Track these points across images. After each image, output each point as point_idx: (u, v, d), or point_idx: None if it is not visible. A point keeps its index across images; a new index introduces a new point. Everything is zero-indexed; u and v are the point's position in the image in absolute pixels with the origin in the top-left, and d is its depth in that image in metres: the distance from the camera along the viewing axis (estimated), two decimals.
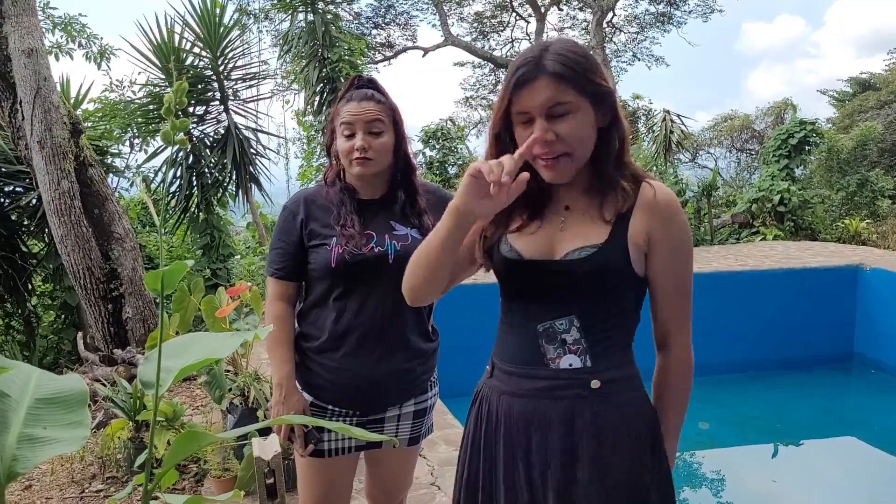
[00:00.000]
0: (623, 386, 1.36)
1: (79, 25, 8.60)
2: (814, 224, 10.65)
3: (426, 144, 10.06)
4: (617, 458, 1.32)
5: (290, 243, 1.88)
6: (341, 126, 1.83)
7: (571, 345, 1.34)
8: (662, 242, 1.31)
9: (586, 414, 1.32)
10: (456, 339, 4.08)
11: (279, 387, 1.87)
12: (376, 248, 1.82)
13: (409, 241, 1.85)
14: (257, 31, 14.88)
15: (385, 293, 1.83)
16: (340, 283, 1.83)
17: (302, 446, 1.88)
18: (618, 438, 1.32)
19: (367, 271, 1.81)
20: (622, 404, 1.34)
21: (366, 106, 1.82)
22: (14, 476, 1.20)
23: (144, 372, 1.36)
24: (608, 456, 1.31)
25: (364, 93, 1.85)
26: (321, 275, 1.85)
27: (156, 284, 1.35)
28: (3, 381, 1.32)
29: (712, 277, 6.97)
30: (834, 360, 6.91)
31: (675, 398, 1.35)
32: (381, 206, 1.91)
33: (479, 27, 20.87)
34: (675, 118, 11.14)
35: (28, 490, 3.58)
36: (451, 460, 3.38)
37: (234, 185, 7.30)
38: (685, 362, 1.31)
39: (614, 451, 1.32)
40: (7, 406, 1.29)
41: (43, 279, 6.85)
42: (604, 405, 1.33)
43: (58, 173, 5.06)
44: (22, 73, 5.03)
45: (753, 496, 4.51)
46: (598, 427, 1.32)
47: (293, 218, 1.89)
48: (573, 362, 1.34)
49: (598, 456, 1.31)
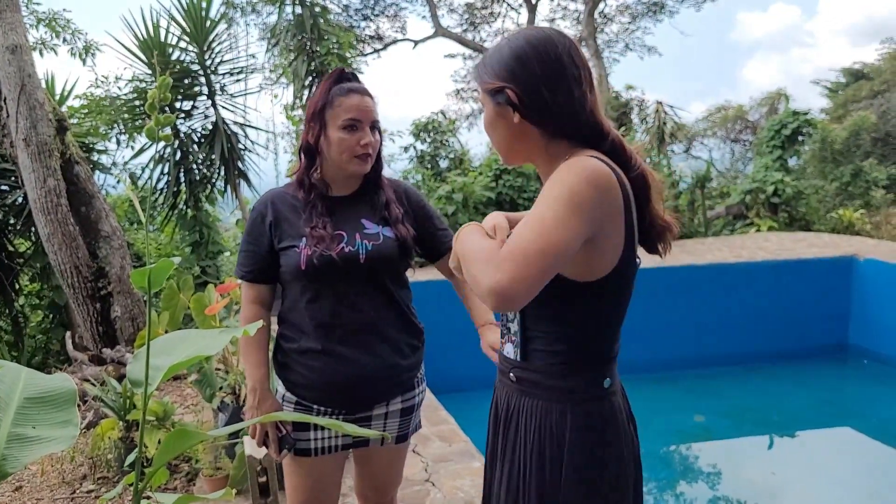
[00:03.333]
0: (541, 395, 1.37)
1: (63, 21, 8.47)
2: (808, 215, 10.65)
3: (417, 138, 9.98)
4: (516, 453, 1.40)
5: (259, 245, 1.85)
6: (343, 119, 1.78)
7: (512, 335, 1.42)
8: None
9: (508, 400, 1.44)
10: (449, 337, 4.07)
11: (253, 391, 1.85)
12: (346, 248, 1.78)
13: (381, 240, 1.83)
14: (245, 25, 14.77)
15: (361, 292, 1.81)
16: (312, 285, 1.80)
17: (276, 451, 1.86)
18: (518, 437, 1.40)
19: (338, 272, 1.77)
20: (529, 410, 1.38)
21: (368, 101, 1.81)
22: (4, 475, 1.18)
23: (133, 370, 1.34)
24: (511, 444, 1.41)
25: (363, 87, 1.83)
26: (292, 277, 1.81)
27: (143, 282, 1.32)
28: None
29: (706, 270, 6.96)
30: (829, 351, 6.92)
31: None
32: (352, 203, 1.88)
33: (470, 18, 20.77)
34: (667, 109, 11.12)
35: (18, 491, 3.52)
36: (446, 456, 3.34)
37: (223, 181, 7.22)
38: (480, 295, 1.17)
39: (514, 446, 1.40)
40: None
41: (30, 278, 6.77)
42: (519, 400, 1.41)
43: (43, 171, 4.99)
44: (6, 70, 4.95)
45: (750, 488, 4.50)
46: (509, 417, 1.43)
47: (262, 220, 1.85)
48: (509, 351, 1.44)
49: (506, 439, 1.43)
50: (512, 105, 1.32)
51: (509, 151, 1.41)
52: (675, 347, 6.64)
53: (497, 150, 1.43)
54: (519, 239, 1.16)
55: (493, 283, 1.13)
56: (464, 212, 8.44)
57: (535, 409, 1.37)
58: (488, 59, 1.37)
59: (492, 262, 1.16)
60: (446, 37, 20.39)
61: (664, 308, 6.43)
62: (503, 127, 1.36)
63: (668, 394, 6.14)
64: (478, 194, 8.64)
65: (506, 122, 1.35)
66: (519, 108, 1.31)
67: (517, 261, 1.13)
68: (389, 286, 1.86)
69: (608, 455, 1.35)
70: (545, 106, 1.31)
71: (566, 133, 1.33)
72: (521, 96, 1.31)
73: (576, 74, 1.31)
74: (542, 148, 1.36)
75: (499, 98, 1.33)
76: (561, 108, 1.30)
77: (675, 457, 5.07)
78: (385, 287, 1.85)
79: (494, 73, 1.34)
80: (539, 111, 1.31)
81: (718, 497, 4.45)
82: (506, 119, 1.34)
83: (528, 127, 1.33)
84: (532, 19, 19.75)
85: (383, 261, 1.82)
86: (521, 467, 1.38)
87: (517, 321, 1.39)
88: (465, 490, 2.99)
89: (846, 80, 19.68)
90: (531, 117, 1.32)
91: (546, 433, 1.35)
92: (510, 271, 1.13)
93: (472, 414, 2.89)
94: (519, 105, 1.31)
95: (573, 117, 1.31)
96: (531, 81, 1.30)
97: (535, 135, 1.34)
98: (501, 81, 1.32)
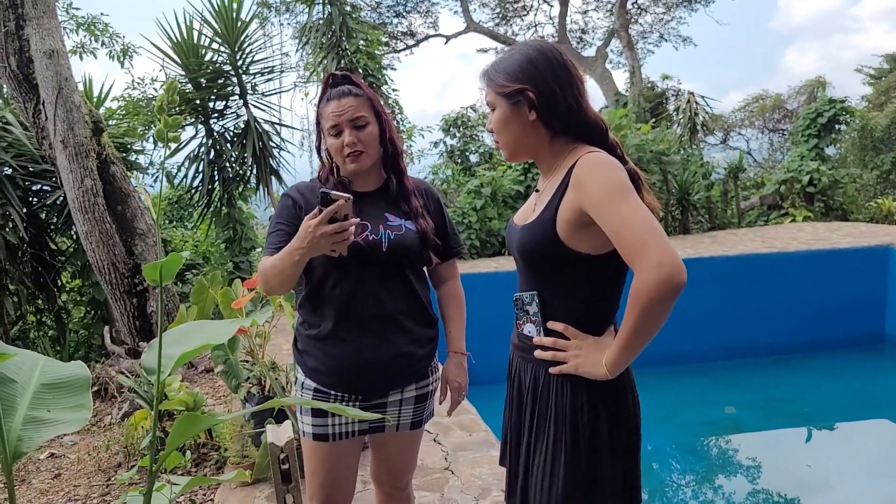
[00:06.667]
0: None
1: (101, 25, 8.72)
2: (845, 204, 10.42)
3: (447, 133, 10.03)
4: (539, 425, 1.53)
5: (290, 225, 1.88)
6: (327, 128, 1.88)
7: (532, 315, 1.54)
8: (586, 206, 1.38)
9: (529, 377, 1.56)
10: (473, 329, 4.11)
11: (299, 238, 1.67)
12: (370, 237, 1.85)
13: (403, 230, 1.89)
14: (278, 24, 14.97)
15: (381, 281, 1.87)
16: (336, 271, 1.86)
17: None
18: (542, 409, 1.52)
19: (361, 259, 1.84)
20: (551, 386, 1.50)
21: (346, 102, 1.87)
22: (20, 455, 1.27)
23: (147, 359, 1.42)
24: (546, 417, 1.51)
25: (341, 90, 1.89)
26: (317, 263, 1.87)
27: (155, 275, 1.40)
28: (10, 367, 1.39)
29: (737, 261, 6.89)
30: (864, 342, 6.79)
31: (630, 307, 1.34)
32: (375, 198, 1.94)
33: (502, 12, 20.72)
34: (699, 100, 10.97)
35: (57, 479, 3.69)
36: (465, 445, 3.40)
37: (255, 178, 7.37)
38: (647, 281, 1.28)
39: (550, 418, 1.50)
40: (14, 391, 1.37)
41: (71, 275, 7.00)
42: (542, 376, 1.52)
43: (81, 171, 5.16)
44: (44, 74, 5.14)
45: (784, 480, 4.45)
46: (539, 393, 1.53)
47: (293, 204, 1.93)
48: (531, 331, 1.55)
49: (533, 413, 1.54)
50: (531, 105, 1.47)
51: (518, 149, 1.56)
52: (705, 338, 6.59)
53: (504, 147, 1.56)
54: (634, 228, 1.31)
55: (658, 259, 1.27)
56: (492, 205, 8.47)
57: (568, 379, 1.48)
58: (500, 66, 1.52)
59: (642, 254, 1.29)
60: (478, 32, 20.39)
61: (694, 299, 6.37)
62: (517, 126, 1.51)
63: (699, 385, 6.10)
64: (506, 188, 8.66)
65: (520, 121, 1.50)
66: (536, 108, 1.47)
67: (654, 235, 1.29)
68: (409, 276, 1.93)
69: (631, 413, 1.51)
70: (557, 106, 1.47)
71: (570, 131, 1.50)
72: (539, 97, 1.46)
73: (578, 79, 1.50)
74: (548, 145, 1.53)
75: (517, 99, 1.48)
76: (569, 108, 1.47)
77: (706, 448, 5.04)
78: (405, 277, 1.92)
79: (511, 77, 1.48)
80: (553, 111, 1.47)
81: (751, 489, 4.41)
82: (520, 118, 1.49)
83: (538, 126, 1.49)
84: (564, 12, 19.62)
85: (405, 250, 1.89)
86: (560, 435, 1.48)
87: (535, 302, 1.52)
88: (483, 478, 3.05)
89: (889, 67, 19.12)
90: (545, 116, 1.48)
91: (579, 399, 1.47)
92: (657, 243, 1.28)
93: (492, 406, 2.93)
94: (536, 105, 1.47)
95: (579, 116, 1.49)
96: (546, 84, 1.46)
97: (542, 133, 1.51)
98: (520, 84, 1.47)
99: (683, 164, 9.89)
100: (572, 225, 1.41)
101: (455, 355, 2.06)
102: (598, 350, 1.45)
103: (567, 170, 1.45)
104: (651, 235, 1.29)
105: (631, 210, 1.32)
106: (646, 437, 1.59)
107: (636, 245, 1.30)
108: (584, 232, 1.41)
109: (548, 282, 1.50)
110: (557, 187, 1.46)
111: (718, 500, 4.30)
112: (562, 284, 1.48)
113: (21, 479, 3.69)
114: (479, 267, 7.59)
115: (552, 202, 1.45)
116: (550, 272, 1.49)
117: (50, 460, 3.97)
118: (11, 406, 1.33)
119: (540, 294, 1.52)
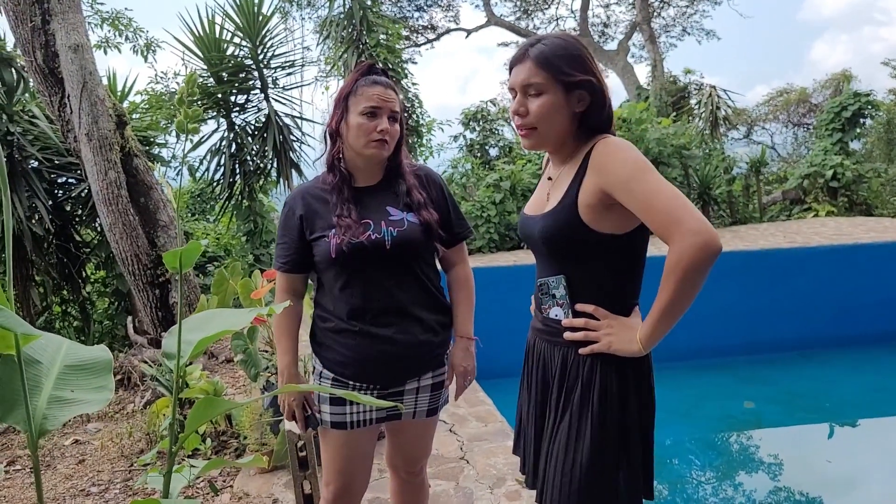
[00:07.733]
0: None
1: (125, 20, 8.83)
2: (869, 199, 10.28)
3: (466, 127, 10.04)
4: (566, 405, 1.55)
5: (291, 238, 1.97)
6: (363, 106, 1.88)
7: (559, 299, 1.57)
8: (610, 186, 1.42)
9: (557, 360, 1.58)
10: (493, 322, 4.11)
11: (281, 375, 2.01)
12: (373, 236, 1.88)
13: (406, 225, 1.91)
14: (300, 18, 15.03)
15: (390, 276, 1.90)
16: (344, 271, 1.90)
17: (303, 428, 2.03)
18: (569, 390, 1.55)
19: (366, 258, 1.87)
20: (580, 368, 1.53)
21: (391, 94, 1.91)
22: (44, 432, 1.32)
23: (167, 345, 1.46)
24: (562, 398, 1.56)
25: (387, 81, 1.94)
26: (325, 266, 1.92)
27: (174, 262, 1.44)
28: (35, 349, 1.44)
29: (758, 255, 6.83)
30: (887, 338, 6.70)
31: (667, 278, 1.37)
32: (376, 192, 1.97)
33: (523, 5, 20.64)
34: (720, 94, 10.87)
35: (82, 464, 3.76)
36: (481, 436, 3.42)
37: (276, 171, 7.43)
38: (685, 250, 1.31)
39: (564, 398, 1.55)
40: (39, 372, 1.41)
41: (96, 266, 7.11)
42: (571, 357, 1.55)
43: (105, 164, 5.24)
44: (69, 68, 5.22)
45: (805, 475, 4.41)
46: (566, 373, 1.56)
47: (293, 214, 1.97)
48: (558, 314, 1.58)
49: (559, 394, 1.57)
50: (589, 96, 1.51)
51: (553, 137, 1.56)
52: (726, 333, 6.54)
53: (538, 134, 1.56)
54: (664, 201, 1.35)
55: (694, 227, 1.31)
56: (511, 199, 8.46)
57: (597, 358, 1.52)
58: (558, 53, 1.51)
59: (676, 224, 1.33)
60: (499, 25, 20.33)
61: (715, 294, 6.33)
62: (564, 115, 1.53)
63: (720, 380, 6.07)
64: (525, 182, 8.65)
65: (568, 110, 1.52)
66: (590, 101, 1.52)
67: (685, 205, 1.34)
68: (417, 269, 1.95)
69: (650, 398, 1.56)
70: (605, 102, 1.54)
71: (594, 121, 1.55)
72: (597, 91, 1.52)
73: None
74: (573, 136, 1.57)
75: (577, 89, 1.50)
76: (603, 100, 1.54)
77: (726, 443, 5.02)
78: (413, 270, 1.94)
79: (575, 66, 1.50)
80: (601, 105, 1.53)
81: (772, 485, 4.38)
82: (569, 108, 1.52)
83: (576, 117, 1.54)
84: (586, 5, 19.50)
85: (409, 245, 1.91)
86: (586, 413, 1.51)
87: (563, 286, 1.55)
88: (498, 468, 3.07)
89: None
90: (593, 110, 1.53)
91: (609, 379, 1.51)
92: (690, 212, 1.33)
93: (509, 398, 2.95)
94: (592, 98, 1.52)
95: (610, 113, 1.56)
96: (599, 79, 1.53)
97: (575, 124, 1.55)
98: (585, 76, 1.50)
99: (705, 158, 9.82)
100: (594, 208, 1.45)
101: (462, 340, 2.07)
102: (629, 328, 1.48)
103: (584, 156, 1.49)
104: (682, 205, 1.34)
105: (658, 184, 1.37)
106: (665, 432, 1.61)
107: (669, 217, 1.33)
108: (606, 213, 1.45)
109: (575, 265, 1.53)
110: (575, 174, 1.50)
111: (738, 495, 4.28)
112: (588, 266, 1.52)
113: (46, 465, 3.77)
114: (498, 260, 7.60)
115: (571, 188, 1.49)
116: (577, 256, 1.52)
117: (74, 446, 4.06)
118: (37, 386, 1.38)
119: (567, 277, 1.55)
